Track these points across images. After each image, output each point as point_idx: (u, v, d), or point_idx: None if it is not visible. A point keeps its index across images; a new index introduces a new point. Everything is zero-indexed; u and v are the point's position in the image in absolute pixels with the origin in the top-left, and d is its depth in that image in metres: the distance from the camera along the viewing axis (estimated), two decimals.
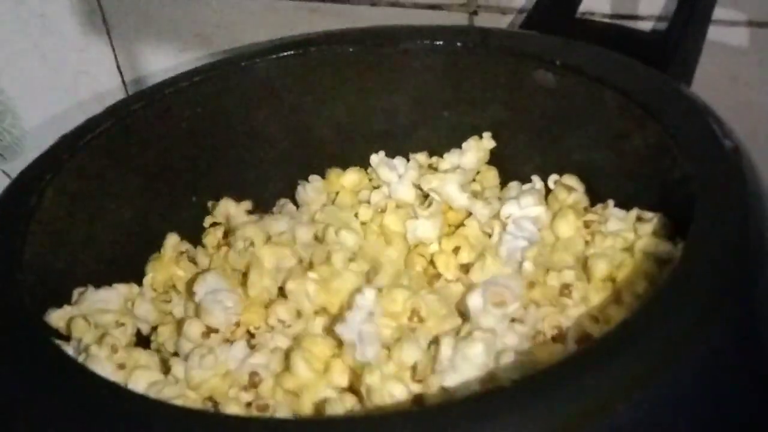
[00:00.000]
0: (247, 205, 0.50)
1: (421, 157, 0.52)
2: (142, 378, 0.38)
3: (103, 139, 0.45)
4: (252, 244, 0.45)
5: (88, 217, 0.45)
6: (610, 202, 0.44)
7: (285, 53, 0.49)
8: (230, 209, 0.49)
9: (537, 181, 0.49)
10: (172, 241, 0.48)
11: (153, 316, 0.46)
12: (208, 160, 0.50)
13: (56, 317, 0.41)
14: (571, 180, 0.47)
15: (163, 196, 0.49)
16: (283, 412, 0.38)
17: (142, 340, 0.46)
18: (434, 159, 0.51)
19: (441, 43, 0.48)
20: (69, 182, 0.44)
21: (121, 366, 0.38)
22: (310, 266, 0.44)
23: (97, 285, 0.45)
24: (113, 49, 0.67)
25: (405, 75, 0.50)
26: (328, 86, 0.51)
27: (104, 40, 0.67)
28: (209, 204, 0.50)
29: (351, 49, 0.49)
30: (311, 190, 0.51)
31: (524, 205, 0.46)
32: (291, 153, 0.52)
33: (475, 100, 0.49)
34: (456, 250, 0.46)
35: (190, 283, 0.47)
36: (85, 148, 0.45)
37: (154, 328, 0.46)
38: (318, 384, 0.38)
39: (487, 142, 0.50)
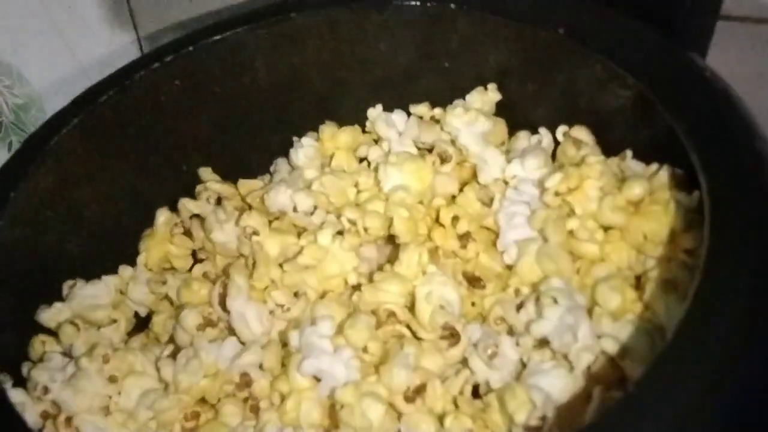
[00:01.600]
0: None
1: (422, 109, 0.48)
2: (135, 386, 0.38)
3: (81, 125, 0.44)
4: (255, 232, 0.43)
5: (75, 200, 0.44)
6: (628, 153, 0.41)
7: (263, 21, 0.46)
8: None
9: (545, 135, 0.45)
10: (163, 217, 0.46)
11: (149, 299, 0.45)
12: (195, 129, 0.48)
13: (47, 317, 0.41)
14: (580, 132, 0.44)
15: (151, 170, 0.47)
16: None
17: (141, 321, 0.45)
18: (436, 111, 0.48)
19: None
20: (51, 168, 0.43)
21: (113, 379, 0.37)
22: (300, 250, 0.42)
23: (91, 268, 0.44)
24: (139, 41, 0.65)
25: (401, 25, 0.46)
26: (320, 41, 0.47)
27: (131, 33, 0.65)
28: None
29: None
30: (304, 155, 0.47)
31: (528, 168, 0.43)
32: (283, 111, 0.49)
33: (477, 50, 0.46)
34: (454, 220, 0.43)
35: (187, 259, 0.46)
36: (64, 135, 0.43)
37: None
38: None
39: (493, 94, 0.46)
